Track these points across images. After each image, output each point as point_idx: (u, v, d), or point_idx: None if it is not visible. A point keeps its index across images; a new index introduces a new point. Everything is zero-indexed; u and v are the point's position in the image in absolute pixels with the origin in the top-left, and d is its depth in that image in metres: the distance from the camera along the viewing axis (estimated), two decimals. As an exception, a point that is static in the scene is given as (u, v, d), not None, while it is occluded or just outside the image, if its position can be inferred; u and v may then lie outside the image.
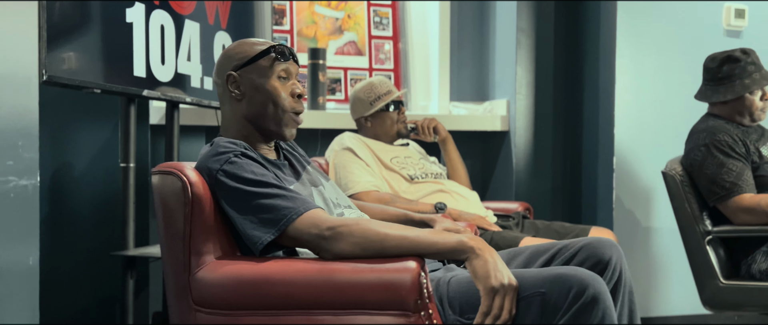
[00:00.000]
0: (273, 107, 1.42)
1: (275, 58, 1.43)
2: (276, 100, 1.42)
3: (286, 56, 1.44)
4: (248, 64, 1.43)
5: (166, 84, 2.01)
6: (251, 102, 1.43)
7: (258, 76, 1.42)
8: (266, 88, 1.42)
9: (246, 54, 1.43)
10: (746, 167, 2.17)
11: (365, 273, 1.20)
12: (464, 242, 1.21)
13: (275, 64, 1.43)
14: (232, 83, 1.44)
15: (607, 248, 1.45)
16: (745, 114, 2.25)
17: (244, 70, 1.43)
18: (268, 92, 1.42)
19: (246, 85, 1.43)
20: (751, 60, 2.25)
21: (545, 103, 2.99)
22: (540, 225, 2.35)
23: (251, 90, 1.42)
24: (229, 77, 1.44)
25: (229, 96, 1.45)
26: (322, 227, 1.25)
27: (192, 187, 1.31)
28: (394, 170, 2.32)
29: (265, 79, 1.42)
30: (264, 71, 1.42)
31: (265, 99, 1.42)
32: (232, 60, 1.44)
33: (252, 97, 1.42)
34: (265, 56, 1.43)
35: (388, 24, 3.15)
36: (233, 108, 1.45)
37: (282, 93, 1.42)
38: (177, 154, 2.24)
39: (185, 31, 2.06)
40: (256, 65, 1.42)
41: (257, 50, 1.43)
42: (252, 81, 1.42)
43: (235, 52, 1.45)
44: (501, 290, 1.17)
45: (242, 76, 1.43)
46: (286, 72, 1.44)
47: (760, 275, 2.16)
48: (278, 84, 1.43)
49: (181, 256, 1.32)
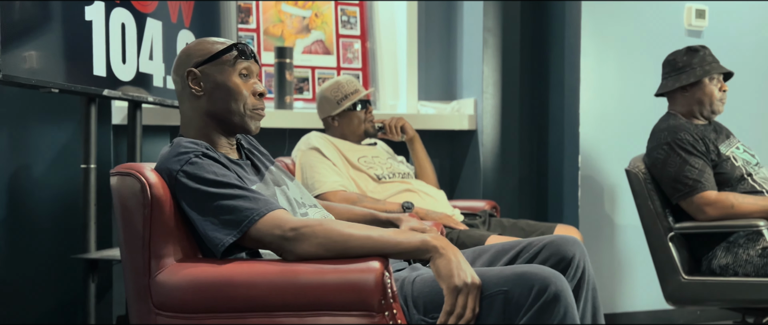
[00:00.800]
0: (235, 104, 1.41)
1: (237, 55, 1.41)
2: (237, 97, 1.41)
3: (248, 55, 1.43)
4: (209, 61, 1.41)
5: (127, 83, 1.97)
6: (212, 99, 1.41)
7: (219, 72, 1.41)
8: (228, 84, 1.41)
9: (207, 51, 1.42)
10: (707, 164, 2.22)
11: (328, 274, 1.19)
12: (427, 241, 1.21)
13: (237, 61, 1.41)
14: (192, 80, 1.42)
15: (570, 246, 1.46)
16: (705, 104, 2.30)
17: (205, 67, 1.41)
18: (230, 89, 1.40)
19: (207, 81, 1.41)
20: (708, 52, 2.33)
21: (512, 103, 3.01)
22: (506, 223, 2.36)
23: (212, 87, 1.41)
24: (189, 74, 1.42)
25: (189, 93, 1.43)
26: (285, 228, 1.24)
27: (151, 188, 1.29)
28: (362, 169, 2.31)
29: (226, 76, 1.41)
30: (225, 68, 1.41)
31: (226, 96, 1.40)
32: (193, 57, 1.42)
33: (213, 93, 1.41)
34: (226, 53, 1.41)
35: (356, 23, 3.15)
36: (193, 105, 1.43)
37: (244, 90, 1.41)
38: (140, 154, 2.21)
39: (147, 30, 2.03)
40: (218, 62, 1.41)
41: (219, 47, 1.42)
42: (213, 78, 1.41)
43: (195, 49, 1.43)
44: (464, 288, 1.18)
45: (203, 72, 1.41)
46: (247, 70, 1.43)
47: (720, 271, 2.21)
48: (240, 81, 1.42)
49: (141, 258, 1.30)
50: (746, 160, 2.30)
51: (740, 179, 2.23)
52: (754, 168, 2.29)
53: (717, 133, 2.34)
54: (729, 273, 2.18)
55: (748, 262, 2.15)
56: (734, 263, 2.17)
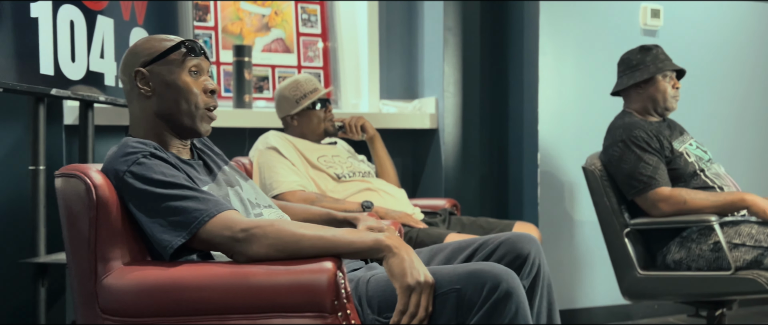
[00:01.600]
0: (185, 103, 1.37)
1: (186, 53, 1.38)
2: (188, 96, 1.37)
3: (197, 52, 1.39)
4: (157, 60, 1.37)
5: (78, 82, 1.92)
6: (162, 99, 1.38)
7: (168, 71, 1.37)
8: (177, 83, 1.37)
9: (155, 49, 1.38)
10: (661, 161, 2.26)
11: (280, 275, 1.18)
12: (380, 240, 1.20)
13: (186, 59, 1.38)
14: (140, 80, 1.38)
15: (525, 243, 1.47)
16: (658, 101, 2.34)
17: (153, 66, 1.38)
18: (180, 88, 1.37)
19: (156, 81, 1.38)
20: (661, 50, 2.38)
21: (473, 101, 3.02)
22: (466, 221, 2.37)
23: (161, 86, 1.37)
24: (137, 73, 1.38)
25: (137, 93, 1.39)
26: (235, 229, 1.21)
27: (97, 190, 1.26)
28: (321, 168, 2.29)
29: (175, 75, 1.37)
30: (174, 67, 1.37)
31: (176, 95, 1.37)
32: (140, 56, 1.39)
33: (162, 93, 1.38)
34: (175, 51, 1.38)
35: (317, 21, 3.12)
36: (142, 106, 1.39)
37: (194, 89, 1.38)
38: (92, 155, 2.15)
39: (98, 28, 1.98)
40: (166, 61, 1.37)
41: (167, 45, 1.38)
42: (162, 77, 1.37)
43: (142, 48, 1.39)
44: (417, 287, 1.17)
45: (151, 71, 1.38)
46: (197, 68, 1.39)
47: (674, 265, 2.25)
48: (190, 79, 1.38)
49: (87, 262, 1.26)
50: (699, 156, 2.35)
51: (693, 174, 2.28)
52: (707, 164, 2.34)
53: (671, 129, 2.39)
54: (682, 268, 2.22)
55: (700, 256, 2.19)
56: (687, 258, 2.21)
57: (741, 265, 2.12)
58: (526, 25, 2.91)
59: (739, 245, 2.13)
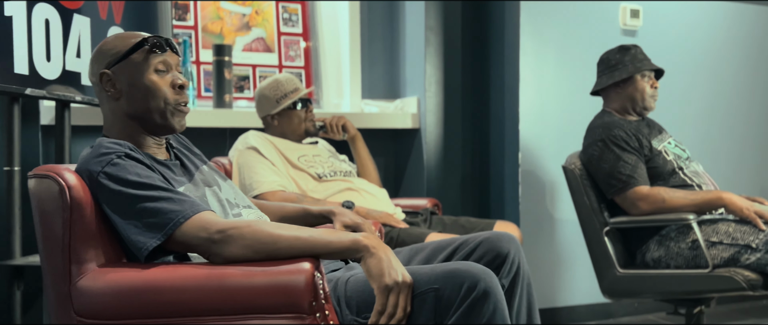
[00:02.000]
0: (154, 102, 1.35)
1: (150, 50, 1.35)
2: (156, 94, 1.35)
3: (162, 47, 1.36)
4: (122, 60, 1.35)
5: (53, 82, 1.89)
6: (130, 99, 1.35)
7: (134, 71, 1.35)
8: (144, 83, 1.34)
9: (118, 50, 1.35)
10: (640, 160, 2.28)
11: (257, 276, 1.17)
12: (358, 240, 1.19)
13: (151, 56, 1.35)
14: (106, 82, 1.36)
15: (505, 243, 1.47)
16: (636, 100, 2.36)
17: (117, 67, 1.35)
18: (147, 87, 1.34)
19: (122, 82, 1.35)
20: (640, 50, 2.40)
21: (454, 101, 3.03)
22: (447, 221, 2.37)
23: (128, 87, 1.35)
24: (102, 76, 1.36)
25: (106, 95, 1.37)
26: (212, 231, 1.20)
27: (71, 191, 1.24)
28: (302, 168, 2.28)
29: (141, 75, 1.34)
30: (139, 66, 1.34)
31: (144, 95, 1.34)
32: (105, 57, 1.36)
33: (130, 94, 1.35)
34: (138, 50, 1.35)
35: (298, 21, 3.11)
36: (113, 107, 1.37)
37: (161, 86, 1.35)
38: (69, 155, 2.12)
39: (74, 27, 1.95)
40: (130, 60, 1.35)
41: (130, 44, 1.35)
42: (128, 77, 1.35)
43: (107, 49, 1.37)
44: (395, 287, 1.17)
45: (117, 73, 1.35)
46: (164, 64, 1.36)
47: (653, 263, 2.27)
48: (156, 78, 1.35)
49: (61, 264, 1.24)
50: (677, 154, 2.37)
51: (672, 173, 2.30)
52: (685, 162, 2.36)
53: (649, 128, 2.41)
54: (661, 266, 2.24)
55: (679, 254, 2.21)
56: (666, 256, 2.23)
57: (718, 263, 2.14)
58: (506, 24, 2.92)
59: (716, 243, 2.15)
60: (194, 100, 2.69)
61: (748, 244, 2.09)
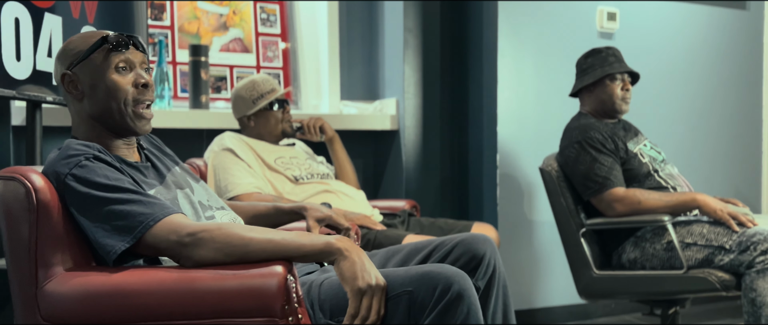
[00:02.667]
0: (114, 102, 1.31)
1: (111, 49, 1.31)
2: (116, 94, 1.31)
3: (125, 45, 1.32)
4: (83, 60, 1.32)
5: (24, 82, 1.86)
6: (92, 100, 1.32)
7: (94, 71, 1.31)
8: (105, 83, 1.31)
9: (79, 49, 1.32)
10: (616, 162, 2.29)
11: (228, 280, 1.15)
12: (331, 243, 1.18)
13: (111, 55, 1.31)
14: (68, 83, 1.33)
15: (480, 244, 1.47)
16: (606, 103, 2.36)
17: (78, 68, 1.32)
18: (107, 87, 1.31)
19: (83, 83, 1.32)
20: (612, 52, 2.39)
21: (433, 102, 3.03)
22: (425, 222, 2.36)
23: (89, 88, 1.32)
24: (64, 77, 1.33)
25: (70, 96, 1.34)
26: (182, 234, 1.18)
27: (37, 193, 1.21)
28: (278, 170, 2.26)
29: (101, 74, 1.31)
30: (99, 66, 1.31)
31: (104, 96, 1.31)
32: (67, 57, 1.33)
33: (91, 95, 1.32)
34: (99, 49, 1.31)
35: (276, 21, 3.09)
36: (77, 108, 1.35)
37: (122, 86, 1.31)
38: (40, 157, 2.08)
39: (45, 25, 1.91)
40: (91, 60, 1.31)
41: (90, 43, 1.32)
42: (89, 78, 1.32)
43: (68, 49, 1.34)
44: (368, 290, 1.15)
45: (77, 73, 1.32)
46: (125, 62, 1.32)
47: (629, 265, 2.28)
48: (117, 77, 1.31)
49: (27, 268, 1.21)
50: (653, 157, 2.39)
51: (647, 175, 2.31)
52: (660, 165, 2.38)
53: (625, 131, 2.42)
54: (637, 267, 2.26)
55: (654, 256, 2.22)
56: (642, 257, 2.25)
57: (693, 264, 2.16)
58: (485, 26, 2.92)
59: (691, 245, 2.17)
60: (170, 100, 2.66)
61: (721, 245, 2.11)
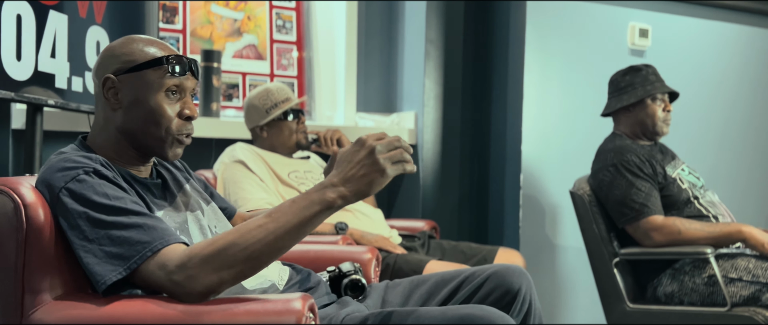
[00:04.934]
0: (155, 128, 1.17)
1: (167, 71, 1.17)
2: (159, 120, 1.17)
3: (183, 69, 1.18)
4: (133, 71, 1.17)
5: (25, 83, 1.73)
6: (129, 115, 1.18)
7: (142, 87, 1.16)
8: (149, 105, 1.16)
9: (133, 58, 1.17)
10: (654, 187, 2.14)
11: (240, 317, 1.01)
12: (325, 198, 1.05)
13: (166, 77, 1.17)
14: (108, 89, 1.18)
15: (516, 277, 1.35)
16: (647, 125, 2.23)
17: (126, 76, 1.17)
18: (151, 110, 1.16)
19: (125, 94, 1.17)
20: (652, 71, 2.27)
21: (453, 117, 2.89)
22: (446, 246, 2.22)
23: (130, 102, 1.17)
24: (106, 81, 1.18)
25: (104, 101, 1.19)
26: (170, 268, 1.02)
27: (27, 209, 1.07)
28: (292, 185, 2.13)
29: (149, 93, 1.16)
30: (150, 83, 1.16)
31: (145, 116, 1.17)
32: (115, 61, 1.18)
33: (130, 110, 1.17)
34: (154, 67, 1.16)
35: (292, 28, 2.97)
36: (107, 116, 1.20)
37: (168, 112, 1.17)
38: (39, 163, 1.95)
39: (49, 24, 1.79)
40: (142, 74, 1.16)
41: (146, 57, 1.17)
42: (133, 92, 1.17)
43: (120, 52, 1.18)
44: (367, 139, 1.09)
45: (123, 82, 1.17)
46: (178, 87, 1.18)
47: (665, 299, 2.13)
48: (165, 102, 1.17)
49: (13, 293, 1.07)
50: (692, 182, 2.24)
51: (687, 202, 2.16)
52: (700, 191, 2.23)
53: (662, 154, 2.28)
54: (674, 302, 2.10)
55: (693, 290, 2.07)
56: (680, 291, 2.09)
57: (737, 301, 2.00)
58: (511, 40, 2.79)
59: (735, 280, 2.02)
60: (179, 107, 2.53)
61: (768, 282, 1.96)
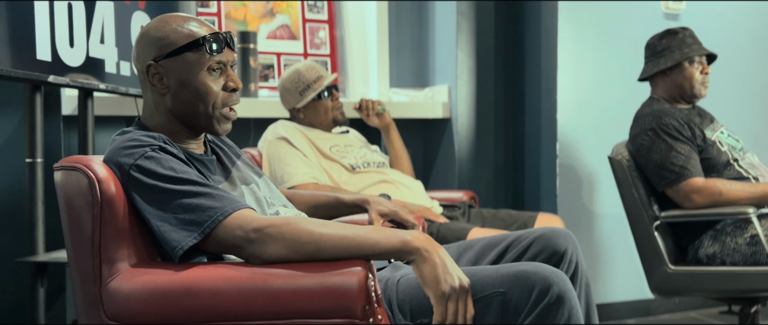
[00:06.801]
0: (203, 106, 1.23)
1: (206, 50, 1.22)
2: (206, 97, 1.23)
3: (221, 46, 1.23)
4: (173, 55, 1.22)
5: (76, 69, 1.80)
6: (176, 97, 1.24)
7: (184, 70, 1.22)
8: (195, 84, 1.22)
9: (170, 42, 1.23)
10: (693, 150, 2.14)
11: (305, 278, 1.06)
12: (408, 242, 1.07)
13: (206, 56, 1.22)
14: (153, 75, 1.24)
15: (561, 239, 1.38)
16: (685, 88, 2.23)
17: (167, 61, 1.23)
18: (198, 90, 1.22)
19: (170, 78, 1.23)
20: (689, 34, 2.25)
21: (487, 89, 2.91)
22: (486, 214, 2.26)
23: (176, 85, 1.23)
24: (149, 68, 1.24)
25: (150, 86, 1.26)
26: (248, 229, 1.09)
27: (100, 184, 1.14)
28: (334, 159, 2.18)
29: (193, 74, 1.22)
30: (192, 64, 1.22)
31: (193, 96, 1.23)
32: (154, 47, 1.24)
33: (178, 92, 1.23)
34: (193, 48, 1.22)
35: (323, 7, 3.00)
36: (156, 100, 1.26)
37: (213, 88, 1.23)
38: (92, 147, 2.03)
39: (97, 11, 1.85)
40: (183, 57, 1.22)
41: (183, 41, 1.22)
42: (177, 75, 1.23)
43: (157, 37, 1.24)
44: (453, 294, 1.05)
45: (165, 67, 1.23)
46: (219, 63, 1.24)
47: (706, 260, 2.14)
48: (209, 79, 1.23)
49: (90, 264, 1.14)
50: (731, 145, 2.24)
51: (727, 164, 2.17)
52: (740, 153, 2.23)
53: (701, 117, 2.27)
54: (716, 262, 2.12)
55: (736, 250, 2.08)
56: (722, 252, 2.11)
57: (780, 259, 2.01)
58: (543, 9, 2.79)
59: (777, 239, 2.02)
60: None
61: (811, 239, 1.96)
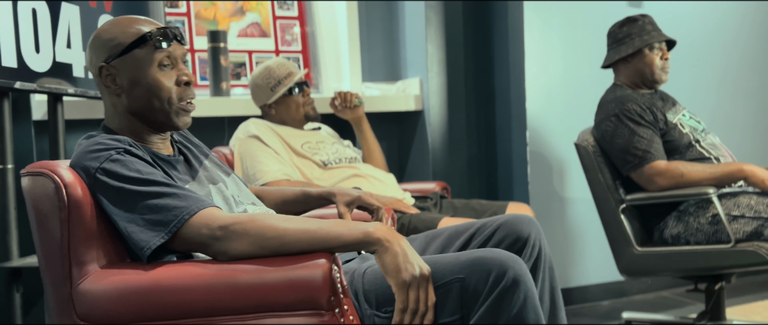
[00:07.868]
0: (158, 101, 1.25)
1: (154, 45, 1.25)
2: (159, 93, 1.25)
3: (168, 40, 1.26)
4: (122, 55, 1.25)
5: (44, 75, 1.81)
6: (132, 97, 1.26)
7: (135, 67, 1.24)
8: (147, 81, 1.25)
9: (119, 42, 1.25)
10: (656, 134, 2.20)
11: (270, 272, 1.09)
12: (370, 233, 1.11)
13: (154, 51, 1.25)
14: (106, 77, 1.26)
15: (525, 225, 1.41)
16: (646, 74, 2.28)
17: (118, 61, 1.25)
18: (149, 86, 1.25)
19: (122, 78, 1.25)
20: (649, 21, 2.31)
21: (457, 80, 2.95)
22: (458, 204, 2.30)
23: (129, 84, 1.25)
24: (101, 70, 1.26)
25: (106, 89, 1.28)
26: (214, 227, 1.12)
27: (67, 188, 1.16)
28: (306, 156, 2.21)
29: (143, 71, 1.24)
30: (141, 61, 1.24)
31: (146, 93, 1.25)
32: (104, 49, 1.26)
33: (131, 91, 1.25)
34: (139, 45, 1.24)
35: (293, 4, 3.01)
36: (113, 102, 1.28)
37: (165, 83, 1.25)
38: (63, 151, 2.04)
39: (62, 16, 1.86)
40: (131, 55, 1.24)
41: (132, 37, 1.25)
42: (129, 73, 1.25)
43: (106, 38, 1.26)
44: (413, 282, 1.09)
45: (117, 67, 1.25)
46: (168, 58, 1.26)
47: (671, 240, 2.20)
48: (160, 75, 1.25)
49: (61, 266, 1.17)
50: (693, 127, 2.30)
51: (688, 146, 2.23)
52: (701, 134, 2.29)
53: (663, 101, 2.33)
54: (681, 242, 2.18)
55: (698, 230, 2.14)
56: (686, 232, 2.17)
57: (741, 237, 2.07)
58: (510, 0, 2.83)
59: (738, 217, 2.09)
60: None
61: (770, 217, 2.03)
